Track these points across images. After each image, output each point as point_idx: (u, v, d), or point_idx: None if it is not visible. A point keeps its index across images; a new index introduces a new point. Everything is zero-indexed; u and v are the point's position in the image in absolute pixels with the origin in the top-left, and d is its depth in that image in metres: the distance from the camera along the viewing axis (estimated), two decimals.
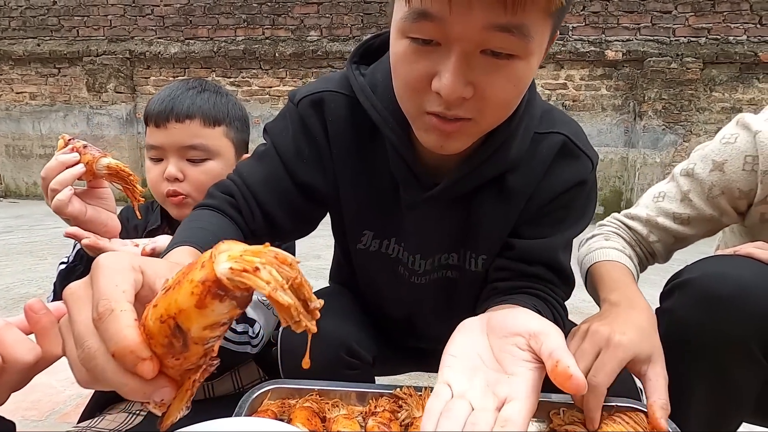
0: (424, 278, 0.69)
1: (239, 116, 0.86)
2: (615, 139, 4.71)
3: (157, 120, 0.80)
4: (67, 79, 5.35)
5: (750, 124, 0.69)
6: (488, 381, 0.41)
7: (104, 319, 0.27)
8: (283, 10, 4.92)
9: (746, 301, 0.59)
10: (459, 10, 0.43)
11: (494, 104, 0.49)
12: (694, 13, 4.45)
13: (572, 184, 0.62)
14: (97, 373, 0.27)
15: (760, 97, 4.46)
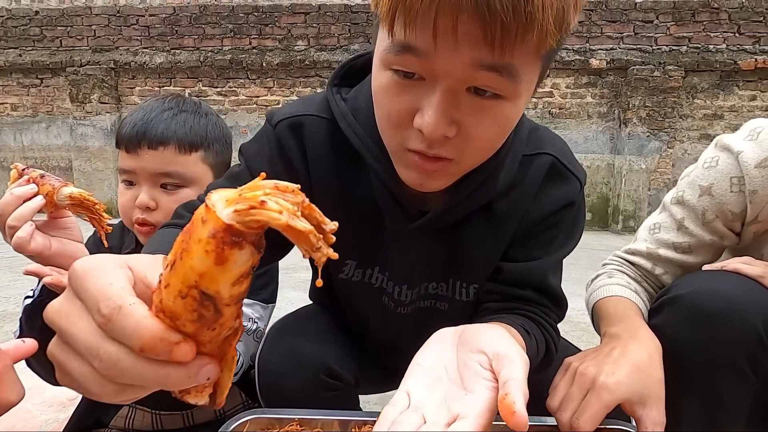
0: (410, 308, 0.67)
1: (219, 137, 0.82)
2: (601, 146, 4.77)
3: (128, 145, 0.76)
4: (49, 89, 5.27)
5: (730, 145, 0.69)
6: (446, 395, 0.41)
7: (114, 318, 0.24)
8: (270, 20, 4.92)
9: (735, 317, 0.59)
10: (444, 47, 0.41)
11: (477, 145, 0.47)
12: (675, 22, 4.55)
13: (561, 205, 0.61)
14: (127, 378, 0.25)
15: (740, 104, 4.56)
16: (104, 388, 0.25)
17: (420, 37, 0.41)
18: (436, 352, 0.46)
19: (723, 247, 0.76)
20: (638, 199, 4.67)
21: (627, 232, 4.65)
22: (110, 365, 0.24)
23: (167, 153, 0.76)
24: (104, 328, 0.25)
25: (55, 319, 0.26)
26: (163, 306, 0.24)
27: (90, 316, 0.25)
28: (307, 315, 0.75)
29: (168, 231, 0.58)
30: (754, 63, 4.42)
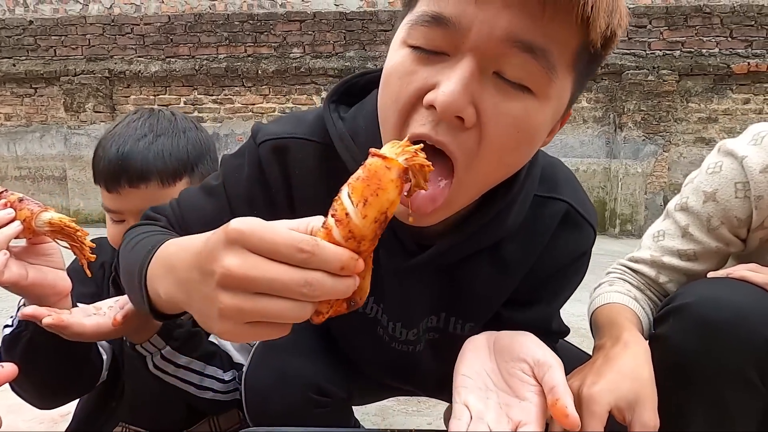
0: (406, 346, 0.64)
1: (202, 154, 0.75)
2: (597, 150, 4.78)
3: (107, 185, 0.70)
4: (43, 99, 5.24)
5: (733, 150, 0.68)
6: (501, 403, 0.45)
7: (316, 251, 0.31)
8: (265, 27, 4.93)
9: (742, 327, 0.58)
10: (483, 9, 0.37)
11: (490, 149, 0.41)
12: (668, 27, 4.58)
13: (575, 257, 0.59)
14: (329, 294, 0.32)
15: (734, 107, 4.59)
16: (304, 311, 0.32)
17: (456, 2, 0.37)
18: (477, 361, 0.48)
19: (729, 254, 0.74)
20: (635, 203, 4.68)
21: (624, 236, 4.65)
22: (318, 287, 0.31)
23: (151, 189, 0.70)
24: (306, 261, 0.31)
25: (243, 272, 0.31)
26: (353, 233, 0.33)
27: (278, 259, 0.31)
28: (294, 329, 0.72)
29: (142, 228, 0.55)
30: (746, 66, 4.45)
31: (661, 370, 0.60)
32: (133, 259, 0.48)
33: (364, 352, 0.68)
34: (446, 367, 0.54)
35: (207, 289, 0.33)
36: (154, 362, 0.67)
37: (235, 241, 0.31)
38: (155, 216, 0.58)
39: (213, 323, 0.33)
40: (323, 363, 0.63)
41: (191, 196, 0.59)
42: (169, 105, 5.13)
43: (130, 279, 0.47)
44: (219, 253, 0.32)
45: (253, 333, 0.33)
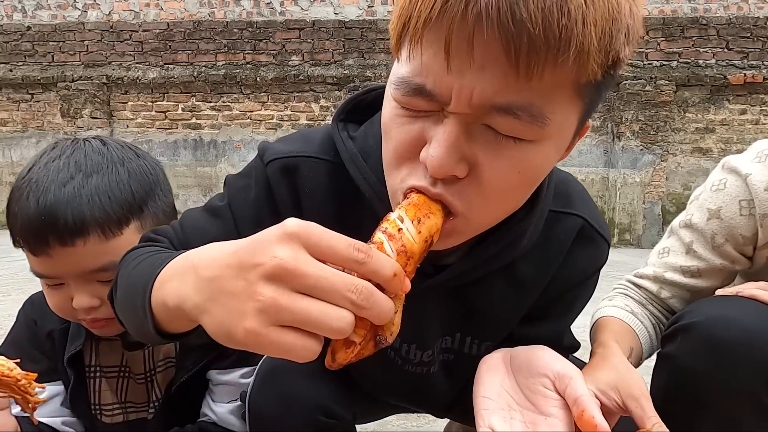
0: (420, 368, 0.62)
1: (151, 186, 0.62)
2: (595, 160, 4.79)
3: (31, 247, 0.56)
4: (40, 104, 5.23)
5: (737, 167, 0.68)
6: (526, 422, 0.44)
7: (373, 257, 0.32)
8: (264, 35, 4.94)
9: (753, 348, 0.57)
10: (459, 67, 0.35)
11: (491, 194, 0.40)
12: (665, 38, 4.62)
13: (590, 273, 0.58)
14: (373, 305, 0.32)
15: (731, 117, 4.62)
16: (342, 321, 0.31)
17: (428, 58, 0.35)
18: (496, 381, 0.47)
19: (734, 272, 0.73)
20: (633, 212, 4.68)
21: (623, 245, 4.64)
22: (366, 294, 0.31)
23: (90, 245, 0.56)
24: (362, 262, 0.32)
25: (294, 265, 0.30)
26: (405, 248, 0.35)
27: (334, 259, 0.31)
28: None
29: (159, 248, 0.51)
30: (743, 78, 4.49)
31: (669, 390, 0.59)
32: (139, 270, 0.45)
33: (375, 375, 0.65)
34: (460, 388, 0.53)
35: (244, 283, 0.31)
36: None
37: (293, 236, 0.31)
38: (157, 238, 0.54)
39: (240, 322, 0.31)
40: (329, 384, 0.61)
41: (195, 218, 0.56)
42: (167, 112, 5.12)
43: (132, 295, 0.44)
44: (271, 246, 0.31)
45: (278, 341, 0.31)
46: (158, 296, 0.40)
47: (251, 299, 0.31)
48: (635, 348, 0.68)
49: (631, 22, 0.37)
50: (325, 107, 4.94)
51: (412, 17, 0.35)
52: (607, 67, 0.37)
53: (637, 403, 0.49)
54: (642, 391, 0.50)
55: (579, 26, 0.33)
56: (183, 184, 5.15)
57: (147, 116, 5.13)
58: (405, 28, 0.37)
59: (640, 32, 0.38)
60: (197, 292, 0.35)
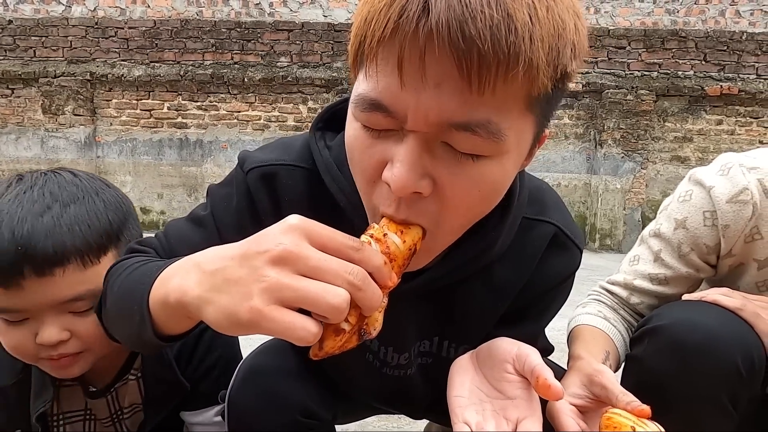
0: (397, 371, 0.64)
1: (125, 216, 0.62)
2: (578, 166, 4.88)
3: (4, 280, 0.53)
4: (21, 100, 5.10)
5: (702, 180, 0.70)
6: (496, 409, 0.46)
7: (365, 248, 0.36)
8: (252, 36, 4.92)
9: (715, 351, 0.59)
10: (412, 84, 0.36)
11: (455, 211, 0.41)
12: (646, 49, 4.75)
13: (563, 278, 0.60)
14: (367, 287, 0.35)
15: (708, 127, 4.76)
16: (339, 298, 0.33)
17: (383, 77, 0.37)
18: (466, 380, 0.50)
19: (700, 279, 0.76)
20: (614, 218, 4.78)
21: (604, 250, 4.74)
22: (360, 276, 0.35)
23: (68, 274, 0.55)
24: (353, 255, 0.35)
25: (298, 250, 0.34)
26: (390, 251, 0.39)
27: (332, 247, 0.35)
28: (280, 348, 0.70)
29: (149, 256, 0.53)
30: (719, 89, 4.64)
31: (636, 390, 0.61)
32: (135, 276, 0.46)
33: (353, 378, 0.66)
34: (437, 391, 0.54)
35: (248, 270, 0.34)
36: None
37: (296, 227, 0.35)
38: (142, 249, 0.55)
39: (245, 303, 0.34)
40: (309, 385, 0.62)
41: (179, 227, 0.57)
42: (152, 110, 5.05)
43: (127, 298, 0.45)
44: (276, 236, 0.35)
45: (280, 319, 0.33)
46: (158, 294, 0.41)
47: (256, 281, 0.34)
48: (611, 352, 0.70)
49: (577, 38, 0.39)
50: (313, 109, 4.93)
51: (366, 36, 0.37)
52: (556, 81, 0.39)
53: (602, 387, 0.51)
54: (607, 378, 0.52)
55: (527, 42, 0.34)
56: (168, 184, 5.08)
57: (132, 114, 5.05)
58: (360, 46, 0.38)
59: (586, 47, 0.40)
60: (200, 285, 0.37)
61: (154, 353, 0.64)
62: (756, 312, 0.62)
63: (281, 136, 5.38)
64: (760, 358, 0.60)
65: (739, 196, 0.67)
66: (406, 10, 0.34)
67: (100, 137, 5.06)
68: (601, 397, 0.52)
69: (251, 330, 0.34)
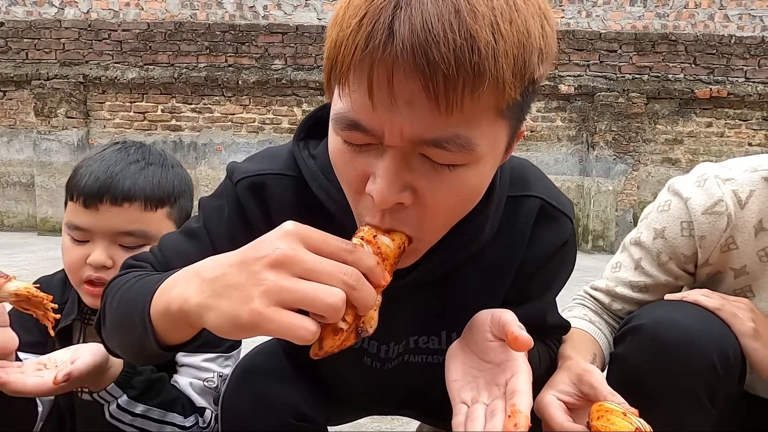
0: (395, 362, 0.64)
1: (185, 191, 0.78)
2: (571, 168, 4.93)
3: (87, 200, 0.69)
4: (12, 102, 5.07)
5: (680, 191, 0.71)
6: (488, 381, 0.47)
7: (358, 250, 0.38)
8: (246, 38, 4.93)
9: (692, 349, 0.61)
10: (382, 107, 0.38)
11: (436, 216, 0.43)
12: (637, 52, 4.80)
13: (555, 248, 0.59)
14: (360, 286, 0.37)
15: (698, 129, 4.82)
16: (335, 297, 0.35)
17: (356, 98, 0.38)
18: (459, 363, 0.51)
19: (679, 287, 0.77)
20: (606, 220, 4.83)
21: (596, 251, 4.78)
22: (355, 276, 0.36)
23: (132, 210, 0.70)
24: (347, 257, 0.37)
25: (294, 254, 0.36)
26: (381, 250, 0.41)
27: (326, 250, 0.37)
28: (273, 352, 0.71)
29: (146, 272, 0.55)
30: (709, 92, 4.70)
31: (619, 387, 0.62)
32: (134, 289, 0.48)
33: (351, 380, 0.67)
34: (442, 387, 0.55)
35: (248, 275, 0.36)
36: (110, 411, 0.66)
37: (291, 233, 0.37)
38: (138, 264, 0.57)
39: (246, 306, 0.35)
40: (302, 388, 0.63)
41: (173, 241, 0.59)
42: (146, 113, 5.04)
43: (127, 312, 0.47)
44: (275, 241, 0.37)
45: (280, 320, 0.34)
46: (159, 304, 0.42)
47: (256, 285, 0.35)
48: (598, 354, 0.72)
49: (543, 43, 0.39)
50: (308, 112, 4.92)
51: (337, 60, 0.38)
52: (524, 88, 0.39)
53: (591, 386, 0.53)
54: (596, 378, 0.54)
55: (491, 61, 0.35)
56: None
57: (125, 117, 5.04)
58: (332, 69, 0.39)
59: (553, 49, 0.41)
60: (201, 292, 0.38)
61: (154, 363, 0.66)
62: (733, 312, 0.64)
63: (276, 138, 5.37)
64: (735, 355, 0.62)
65: (714, 207, 0.68)
66: (372, 37, 0.35)
67: (94, 139, 5.04)
68: (589, 395, 0.53)
69: (253, 332, 0.35)
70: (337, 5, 0.40)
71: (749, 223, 0.68)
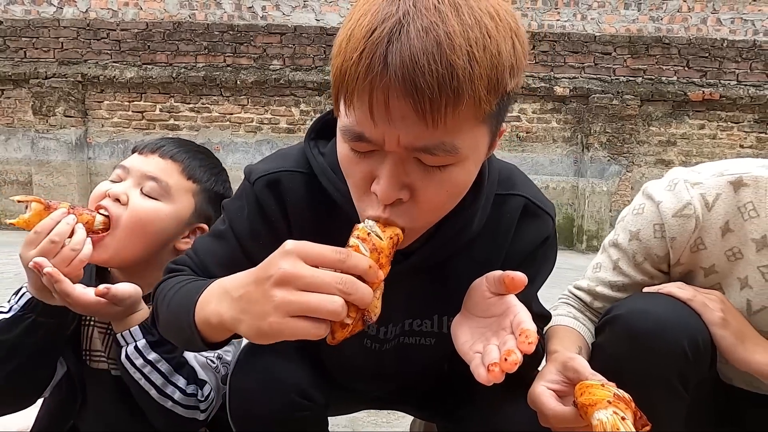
0: (392, 343, 0.70)
1: (218, 192, 0.85)
2: (566, 169, 4.98)
3: (144, 149, 0.81)
4: (11, 101, 5.08)
5: (652, 195, 0.75)
6: (494, 329, 0.52)
7: (350, 256, 0.44)
8: (245, 39, 4.95)
9: (664, 336, 0.65)
10: (381, 123, 0.45)
11: (428, 209, 0.51)
12: (631, 55, 4.86)
13: (538, 242, 0.66)
14: (355, 292, 0.43)
15: (691, 131, 4.89)
16: (336, 304, 0.42)
17: (359, 115, 0.46)
18: (465, 327, 0.55)
19: (654, 285, 0.80)
20: (600, 220, 4.88)
21: (591, 251, 4.83)
22: (350, 283, 0.43)
23: (170, 166, 0.79)
24: (342, 261, 0.44)
25: (294, 271, 0.43)
26: (376, 246, 0.47)
27: (322, 263, 0.44)
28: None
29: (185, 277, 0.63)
30: (701, 95, 4.77)
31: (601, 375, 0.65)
32: (178, 299, 0.57)
33: (350, 361, 0.72)
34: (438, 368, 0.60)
35: (262, 292, 0.44)
36: (126, 351, 0.71)
37: (291, 252, 0.44)
38: (178, 267, 0.64)
39: (265, 320, 0.43)
40: (306, 368, 0.67)
41: (205, 242, 0.67)
42: (144, 112, 5.06)
43: (176, 317, 0.56)
44: (277, 261, 0.44)
45: (295, 327, 0.43)
46: (201, 316, 0.52)
47: (268, 302, 0.43)
48: (583, 347, 0.75)
49: (514, 59, 0.46)
50: (305, 112, 4.98)
51: (342, 86, 0.46)
52: (499, 99, 0.47)
53: (574, 370, 0.57)
54: (578, 362, 0.58)
55: (468, 84, 0.43)
56: None
57: (123, 116, 5.05)
58: (339, 93, 0.47)
59: (524, 60, 0.48)
60: (231, 309, 0.48)
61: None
62: (704, 302, 0.68)
63: (273, 138, 5.39)
64: (705, 342, 0.66)
65: (683, 210, 0.71)
66: (371, 68, 0.43)
67: (92, 139, 5.05)
68: (573, 380, 0.57)
69: (277, 339, 0.44)
70: (339, 35, 0.47)
71: (716, 224, 0.72)
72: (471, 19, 0.43)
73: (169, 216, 0.78)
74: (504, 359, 0.46)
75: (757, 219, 0.70)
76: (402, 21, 0.43)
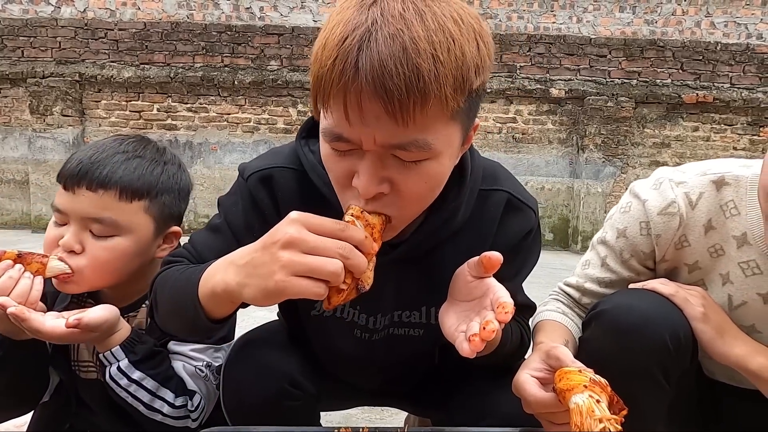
0: (382, 333, 0.72)
1: (172, 188, 0.79)
2: (561, 170, 5.02)
3: (67, 182, 0.72)
4: (8, 100, 5.07)
5: (639, 193, 0.77)
6: (477, 310, 0.55)
7: (349, 228, 0.49)
8: (243, 39, 4.96)
9: (647, 330, 0.67)
10: (356, 123, 0.49)
11: (409, 199, 0.54)
12: (626, 57, 4.91)
13: (521, 235, 0.69)
14: (353, 255, 0.48)
15: (685, 134, 4.93)
16: (336, 266, 0.47)
17: (336, 117, 0.49)
18: (450, 313, 0.58)
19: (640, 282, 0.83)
20: (595, 221, 4.91)
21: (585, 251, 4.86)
22: (349, 249, 0.48)
23: (106, 197, 0.72)
24: (341, 231, 0.48)
25: (300, 236, 0.47)
26: (368, 221, 0.52)
27: (323, 232, 0.48)
28: (272, 328, 0.78)
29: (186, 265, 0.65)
30: (695, 97, 4.81)
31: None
32: (181, 280, 0.60)
33: (341, 351, 0.74)
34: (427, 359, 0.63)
35: (269, 255, 0.48)
36: (110, 372, 0.71)
37: (296, 220, 0.48)
38: (176, 260, 0.67)
39: (272, 278, 0.47)
40: (298, 359, 0.70)
41: (202, 236, 0.70)
42: (141, 112, 5.06)
43: (180, 296, 0.59)
44: (283, 228, 0.48)
45: (299, 285, 0.47)
46: (206, 289, 0.54)
47: (276, 262, 0.47)
48: (570, 341, 0.77)
49: (479, 59, 0.50)
50: (303, 112, 4.99)
51: (319, 91, 0.50)
52: (466, 97, 0.50)
53: (556, 359, 0.59)
54: (560, 351, 0.60)
55: (433, 84, 0.46)
56: None
57: (121, 116, 5.05)
58: (317, 98, 0.51)
59: (490, 60, 0.52)
60: (237, 275, 0.51)
61: (205, 338, 0.77)
62: (686, 298, 0.71)
63: (270, 138, 5.39)
64: (686, 336, 0.68)
65: (668, 208, 0.74)
66: (344, 73, 0.47)
67: (89, 138, 5.05)
68: (555, 367, 0.59)
69: (280, 297, 0.48)
70: (315, 44, 0.50)
71: (699, 222, 0.74)
72: (435, 24, 0.46)
73: (131, 247, 0.74)
74: (483, 328, 0.49)
75: (738, 217, 0.73)
76: (371, 29, 0.46)
